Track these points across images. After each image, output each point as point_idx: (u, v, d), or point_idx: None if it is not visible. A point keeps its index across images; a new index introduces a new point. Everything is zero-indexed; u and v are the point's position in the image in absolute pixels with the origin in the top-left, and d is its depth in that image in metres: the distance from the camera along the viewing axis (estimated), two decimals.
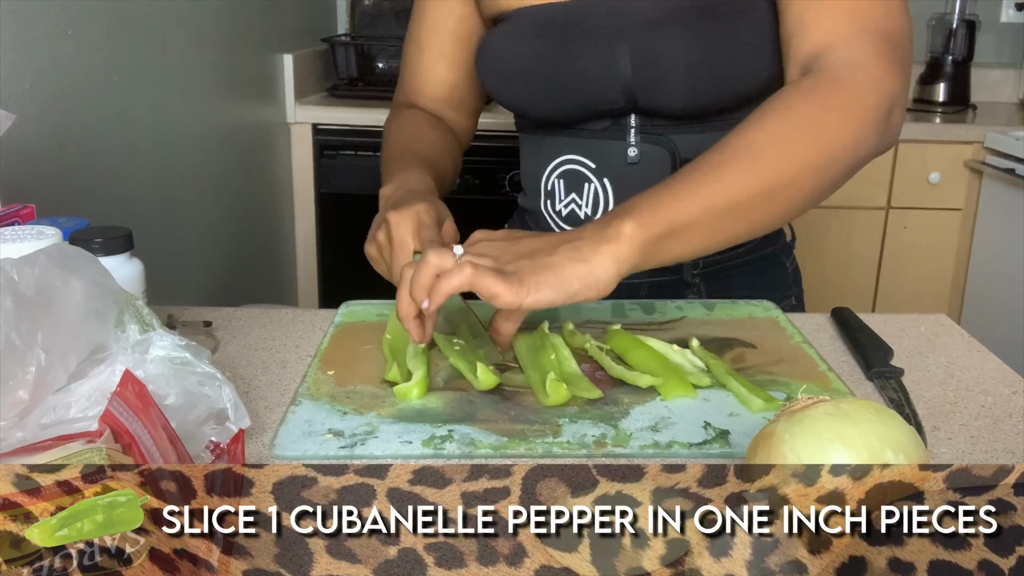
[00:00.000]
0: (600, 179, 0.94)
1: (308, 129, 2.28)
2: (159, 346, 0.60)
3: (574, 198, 0.96)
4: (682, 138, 0.92)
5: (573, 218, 0.97)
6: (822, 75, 0.76)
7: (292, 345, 0.86)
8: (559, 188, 0.97)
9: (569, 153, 0.96)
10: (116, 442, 0.51)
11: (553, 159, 0.97)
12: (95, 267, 0.63)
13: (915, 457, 0.52)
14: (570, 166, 0.96)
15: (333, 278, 2.41)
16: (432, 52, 1.02)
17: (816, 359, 0.82)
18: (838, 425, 0.52)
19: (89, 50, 1.27)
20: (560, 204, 0.98)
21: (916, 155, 2.30)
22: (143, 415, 0.52)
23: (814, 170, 0.73)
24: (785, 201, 0.73)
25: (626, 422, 0.70)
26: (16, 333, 0.55)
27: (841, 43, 0.77)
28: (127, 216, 1.38)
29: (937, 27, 2.67)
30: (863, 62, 0.76)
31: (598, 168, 0.95)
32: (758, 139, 0.71)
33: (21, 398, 0.55)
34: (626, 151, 0.92)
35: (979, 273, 2.29)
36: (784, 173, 0.71)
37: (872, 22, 0.77)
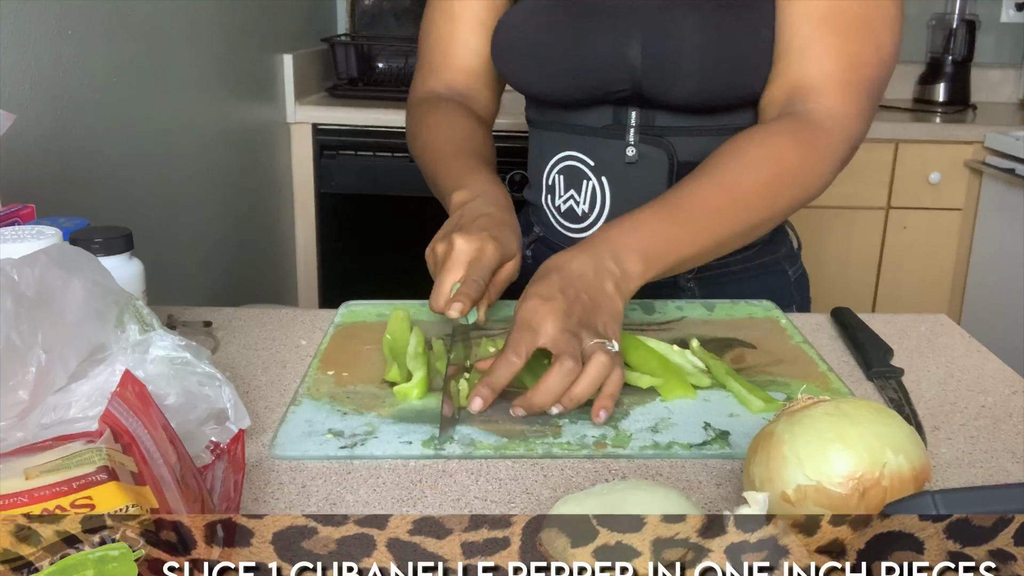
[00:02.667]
0: (598, 177, 0.95)
1: (308, 129, 2.28)
2: (159, 346, 0.60)
3: (572, 194, 0.97)
4: (680, 141, 0.93)
5: (571, 213, 0.98)
6: (806, 122, 0.84)
7: (292, 345, 0.86)
8: (559, 184, 0.98)
9: (569, 150, 0.96)
10: (116, 442, 0.51)
11: (554, 155, 0.98)
12: (95, 267, 0.63)
13: (915, 457, 0.52)
14: (570, 163, 0.97)
15: (333, 278, 2.41)
16: (465, 22, 1.00)
17: (816, 359, 0.82)
18: (838, 425, 0.52)
19: (89, 50, 1.27)
20: (559, 199, 0.99)
21: (916, 155, 2.30)
22: (143, 415, 0.52)
23: (787, 212, 0.86)
24: (759, 233, 0.86)
25: (626, 423, 0.70)
26: (16, 333, 0.55)
27: (831, 91, 0.83)
28: (127, 216, 1.38)
29: (937, 27, 2.66)
30: (844, 116, 0.84)
31: (597, 166, 0.95)
32: (753, 188, 0.81)
33: (21, 398, 0.55)
34: (624, 150, 0.93)
35: (979, 273, 2.29)
36: (765, 217, 0.84)
37: (864, 74, 0.84)
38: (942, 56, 2.64)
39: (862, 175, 2.31)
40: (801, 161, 0.83)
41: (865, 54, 0.83)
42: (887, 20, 0.84)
